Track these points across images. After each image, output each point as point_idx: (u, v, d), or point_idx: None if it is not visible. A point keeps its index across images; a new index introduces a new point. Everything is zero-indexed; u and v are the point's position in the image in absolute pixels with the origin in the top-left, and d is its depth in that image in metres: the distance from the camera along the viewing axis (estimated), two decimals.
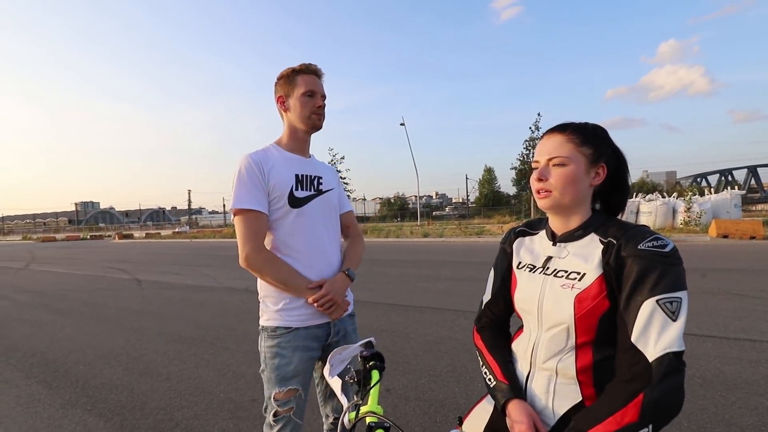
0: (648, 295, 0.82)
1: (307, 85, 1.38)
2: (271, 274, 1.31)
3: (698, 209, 14.56)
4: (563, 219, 1.00)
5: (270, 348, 1.34)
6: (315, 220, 1.41)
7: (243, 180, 1.32)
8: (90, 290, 7.94)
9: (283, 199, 1.36)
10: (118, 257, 15.83)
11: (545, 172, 0.97)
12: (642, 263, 0.84)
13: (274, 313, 1.36)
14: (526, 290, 1.03)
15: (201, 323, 4.94)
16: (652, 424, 0.79)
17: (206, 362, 3.59)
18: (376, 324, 4.56)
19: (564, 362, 0.94)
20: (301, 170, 1.42)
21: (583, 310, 0.90)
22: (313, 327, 1.37)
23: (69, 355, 3.96)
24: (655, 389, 0.78)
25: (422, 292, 6.27)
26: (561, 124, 1.00)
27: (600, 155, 0.96)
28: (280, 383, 1.31)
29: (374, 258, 11.48)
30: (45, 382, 3.30)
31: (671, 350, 0.79)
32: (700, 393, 2.61)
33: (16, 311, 6.22)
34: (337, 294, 1.34)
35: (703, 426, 2.25)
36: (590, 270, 0.91)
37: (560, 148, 0.95)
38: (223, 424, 2.49)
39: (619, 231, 0.91)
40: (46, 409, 2.80)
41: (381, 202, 67.24)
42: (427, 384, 2.94)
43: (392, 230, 24.25)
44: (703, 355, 3.20)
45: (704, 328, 3.85)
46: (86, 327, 5.04)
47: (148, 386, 3.11)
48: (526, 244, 1.10)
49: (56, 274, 11.03)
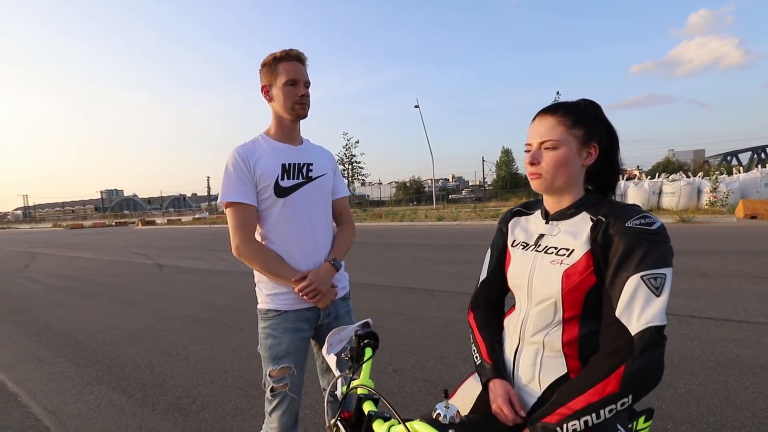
0: (633, 270, 0.85)
1: (289, 73, 1.37)
2: (259, 264, 1.37)
3: (725, 189, 13.95)
4: (556, 199, 1.03)
5: (263, 329, 1.42)
6: (302, 208, 1.43)
7: (229, 174, 1.36)
8: (115, 275, 8.29)
9: (269, 190, 1.38)
10: (141, 243, 16.41)
11: (537, 155, 0.98)
12: (628, 240, 0.87)
13: (266, 297, 1.42)
14: (518, 267, 1.06)
15: (218, 306, 5.12)
16: (632, 395, 0.82)
17: (222, 343, 3.73)
18: (387, 306, 4.63)
19: (551, 336, 0.97)
20: (289, 159, 1.43)
21: (570, 285, 0.93)
22: (303, 310, 1.42)
23: (96, 335, 4.18)
24: (636, 361, 0.82)
25: (434, 275, 6.29)
26: (552, 105, 1.00)
27: (591, 135, 0.97)
28: (274, 362, 1.38)
29: (388, 242, 11.54)
30: (74, 360, 3.51)
31: (653, 324, 0.82)
32: (712, 377, 2.57)
33: (48, 294, 6.57)
34: (321, 284, 1.37)
35: (712, 410, 2.22)
36: (578, 246, 0.94)
37: (551, 131, 0.96)
38: (236, 401, 2.60)
39: (609, 209, 0.93)
40: (74, 386, 2.99)
41: (397, 186, 67.04)
42: (434, 365, 2.99)
43: (407, 214, 24.23)
44: (719, 339, 3.13)
45: (722, 312, 3.75)
46: (111, 309, 5.29)
47: (168, 365, 3.27)
48: (521, 223, 1.14)
49: (84, 259, 11.55)
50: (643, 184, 16.01)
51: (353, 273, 7.77)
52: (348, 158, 41.06)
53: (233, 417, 2.41)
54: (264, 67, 1.41)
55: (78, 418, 2.51)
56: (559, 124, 0.96)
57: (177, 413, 2.49)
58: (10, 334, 4.43)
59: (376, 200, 64.90)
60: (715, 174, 14.61)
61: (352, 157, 40.99)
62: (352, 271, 7.31)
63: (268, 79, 1.40)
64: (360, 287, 5.67)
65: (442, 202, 38.00)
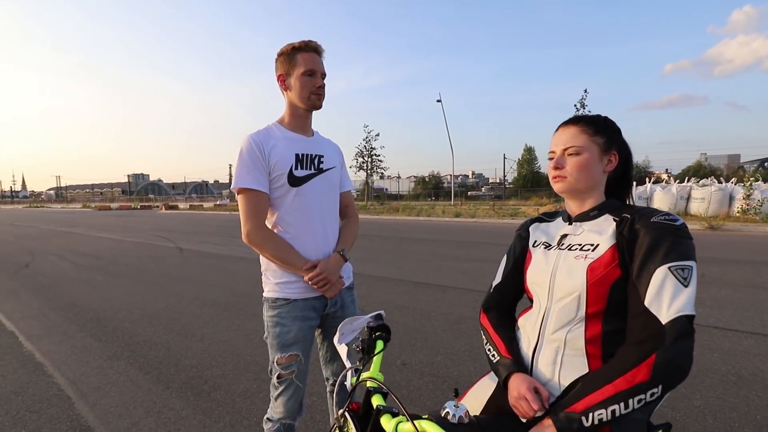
0: (660, 262, 0.86)
1: (307, 64, 1.37)
2: (269, 251, 1.38)
3: (760, 196, 13.26)
4: (579, 202, 1.06)
5: (271, 318, 1.43)
6: (314, 198, 1.44)
7: (244, 160, 1.37)
8: (138, 256, 8.59)
9: (282, 178, 1.39)
10: (164, 227, 16.92)
11: (561, 161, 1.03)
12: (654, 233, 0.89)
13: (274, 286, 1.43)
14: (539, 265, 1.07)
15: (235, 291, 5.24)
16: (662, 385, 0.81)
17: (236, 327, 3.82)
18: (399, 300, 4.64)
19: (573, 332, 0.96)
20: (302, 149, 1.44)
21: (595, 277, 0.93)
22: (311, 299, 1.44)
23: (117, 313, 4.35)
24: (669, 350, 0.81)
25: (448, 271, 6.26)
26: (574, 117, 1.06)
27: (611, 143, 1.03)
28: (282, 349, 1.40)
29: (404, 236, 11.53)
30: (96, 336, 3.67)
31: (684, 313, 0.82)
32: (732, 391, 2.47)
33: (76, 272, 6.87)
34: (331, 273, 1.39)
35: (730, 425, 2.14)
36: (603, 241, 0.96)
37: (574, 139, 1.02)
38: (247, 384, 2.67)
39: (632, 210, 0.97)
40: (95, 360, 3.13)
41: (415, 180, 66.69)
42: (443, 361, 2.98)
43: (424, 209, 24.11)
44: (742, 353, 3.00)
45: (747, 325, 3.59)
46: (133, 289, 5.50)
47: (184, 345, 3.38)
48: (541, 228, 1.16)
49: (110, 240, 12.00)
50: (670, 188, 15.40)
51: (367, 266, 7.80)
52: (368, 151, 41.05)
53: (243, 399, 2.48)
54: (281, 56, 1.41)
55: (97, 391, 2.63)
56: (582, 132, 1.02)
57: (189, 392, 2.58)
58: (40, 307, 4.67)
59: (394, 194, 64.83)
60: (749, 180, 13.91)
61: (371, 150, 40.95)
62: (367, 264, 7.36)
63: (285, 69, 1.41)
64: (374, 280, 5.70)
65: (460, 198, 37.63)
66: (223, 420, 2.26)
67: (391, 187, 74.50)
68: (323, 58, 1.43)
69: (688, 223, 6.49)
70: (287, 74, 1.41)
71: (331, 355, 1.58)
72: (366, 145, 40.79)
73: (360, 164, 41.14)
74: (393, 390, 0.81)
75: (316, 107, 1.44)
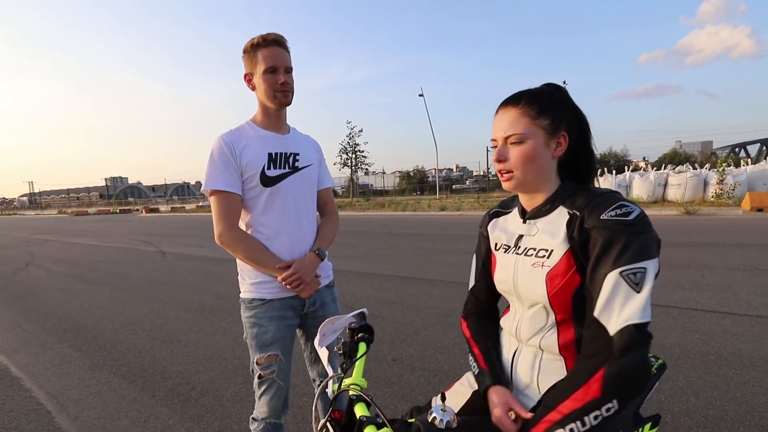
0: (611, 267, 0.80)
1: (267, 61, 1.31)
2: (242, 252, 1.35)
3: (732, 181, 13.76)
4: (529, 195, 0.98)
5: (248, 318, 1.41)
6: (288, 198, 1.40)
7: (214, 162, 1.34)
8: (119, 261, 8.35)
9: (255, 179, 1.36)
10: (145, 230, 16.50)
11: (503, 151, 0.92)
12: (605, 234, 0.81)
13: (249, 286, 1.41)
14: (502, 271, 1.02)
15: (220, 293, 5.15)
16: (616, 399, 0.77)
17: (223, 330, 3.75)
18: (388, 296, 4.63)
19: (547, 339, 0.93)
20: (276, 148, 1.40)
21: (555, 288, 0.88)
22: (288, 298, 1.41)
23: (98, 321, 4.22)
24: (616, 363, 0.76)
25: (436, 265, 6.28)
26: (514, 96, 0.93)
27: (559, 124, 0.91)
28: (261, 349, 1.39)
29: (390, 231, 11.53)
30: (76, 345, 3.54)
31: (632, 322, 0.77)
32: (713, 370, 2.55)
33: (52, 280, 6.63)
34: (305, 273, 1.36)
35: (711, 403, 2.21)
36: (557, 246, 0.89)
37: (516, 125, 0.90)
38: (236, 388, 2.62)
39: (585, 200, 0.88)
40: (76, 371, 3.02)
41: (400, 176, 66.79)
42: (433, 355, 2.99)
43: (410, 203, 24.16)
44: (721, 332, 3.11)
45: (725, 305, 3.72)
46: (114, 296, 5.34)
47: (169, 352, 3.29)
48: (500, 224, 1.09)
49: (89, 246, 11.63)
50: (648, 175, 15.83)
51: (355, 262, 7.76)
52: (351, 147, 40.82)
53: (232, 403, 2.43)
54: (245, 54, 1.36)
55: (79, 403, 2.54)
56: (523, 116, 0.90)
57: (176, 399, 2.51)
58: (15, 319, 4.48)
59: (379, 189, 64.75)
60: (722, 166, 14.41)
61: (355, 146, 40.74)
62: (354, 261, 7.32)
63: (249, 67, 1.36)
64: (361, 276, 5.68)
65: (445, 192, 37.87)
66: (213, 426, 2.21)
67: (377, 182, 74.39)
68: (287, 50, 1.36)
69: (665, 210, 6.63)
70: (252, 73, 1.36)
71: (315, 355, 1.57)
72: (349, 141, 40.57)
73: (344, 161, 40.92)
74: (384, 386, 0.79)
75: (284, 104, 1.39)
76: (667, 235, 7.93)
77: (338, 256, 6.93)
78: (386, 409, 2.24)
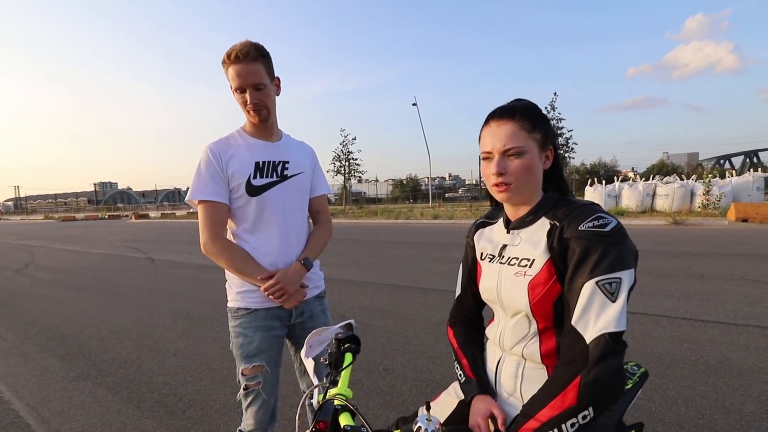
0: (588, 276, 0.83)
1: (234, 80, 1.28)
2: (225, 261, 1.34)
3: (718, 192, 14.06)
4: (515, 207, 1.00)
5: (234, 328, 1.40)
6: (275, 207, 1.39)
7: (201, 172, 1.34)
8: (106, 268, 8.19)
9: (241, 188, 1.35)
10: (134, 236, 16.25)
11: (503, 164, 0.93)
12: (582, 244, 0.84)
13: (236, 295, 1.40)
14: (486, 280, 1.04)
15: (209, 301, 5.07)
16: (592, 407, 0.79)
17: (212, 339, 3.69)
18: (380, 304, 4.60)
19: (529, 348, 0.95)
20: (263, 156, 1.39)
21: (536, 296, 0.90)
22: (274, 308, 1.40)
23: (83, 330, 4.12)
24: (591, 372, 0.79)
25: (428, 273, 6.28)
26: (508, 108, 0.95)
27: (547, 138, 0.96)
28: (246, 360, 1.37)
29: (383, 239, 11.51)
30: (59, 355, 3.45)
31: (607, 331, 0.79)
32: (701, 379, 2.57)
33: (36, 288, 6.47)
34: (288, 283, 1.33)
35: (701, 412, 2.22)
36: (538, 256, 0.92)
37: (515, 138, 0.92)
38: (224, 399, 2.57)
39: (566, 211, 0.91)
40: (59, 381, 2.93)
41: (393, 184, 66.94)
42: (425, 364, 2.97)
43: (403, 212, 24.19)
44: (709, 342, 3.14)
45: (713, 314, 3.76)
46: (101, 303, 5.22)
47: (156, 362, 3.22)
48: (486, 234, 1.11)
49: (75, 252, 11.41)
50: (637, 185, 16.09)
51: (348, 270, 7.70)
52: (345, 155, 40.91)
53: (220, 415, 2.38)
54: (223, 67, 1.33)
55: (60, 415, 2.46)
56: (521, 129, 0.92)
57: (163, 411, 2.45)
58: None
59: (372, 197, 64.77)
60: (708, 177, 14.73)
61: (348, 154, 40.84)
62: (347, 269, 7.27)
63: (229, 81, 1.34)
64: (354, 285, 5.64)
65: (438, 201, 38.01)
66: None
67: (369, 190, 74.42)
68: (259, 60, 1.28)
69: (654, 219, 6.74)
70: (231, 87, 1.34)
71: (305, 367, 1.54)
72: (343, 149, 40.66)
73: (337, 168, 40.95)
74: (376, 396, 0.78)
75: (258, 122, 1.37)
76: (657, 244, 8.05)
77: (330, 264, 6.89)
78: (378, 420, 2.21)
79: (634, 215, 14.77)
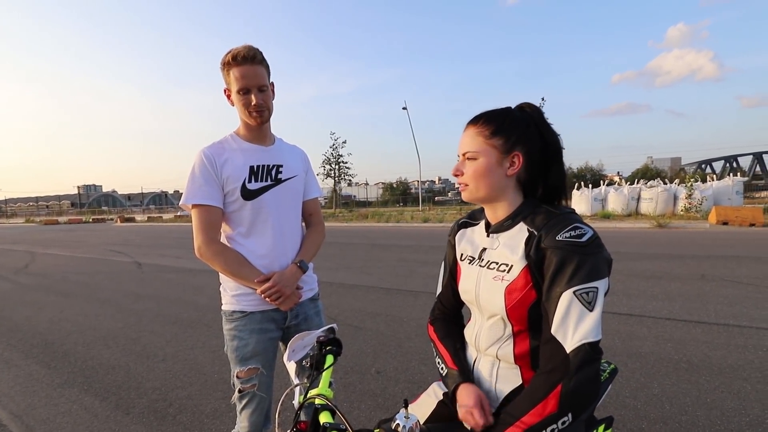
0: (566, 286, 0.85)
1: (239, 81, 1.29)
2: (220, 265, 1.34)
3: (699, 196, 14.46)
4: (491, 210, 1.03)
5: (229, 331, 1.41)
6: (270, 211, 1.40)
7: (195, 176, 1.34)
8: (91, 273, 8.02)
9: (236, 192, 1.36)
10: (120, 240, 15.93)
11: (460, 166, 1.01)
12: (560, 254, 0.86)
13: (231, 298, 1.41)
14: (465, 282, 1.07)
15: (199, 305, 5.02)
16: (571, 413, 0.83)
17: (202, 344, 3.65)
18: (372, 308, 4.61)
19: (503, 349, 0.98)
20: (258, 161, 1.40)
21: (512, 301, 0.93)
22: (269, 311, 1.41)
23: (68, 336, 4.03)
24: (572, 380, 0.82)
25: (419, 276, 6.31)
26: (476, 116, 1.01)
27: (513, 144, 0.96)
28: (241, 363, 1.38)
29: (373, 243, 11.52)
30: (44, 362, 3.37)
31: (587, 341, 0.82)
32: (684, 377, 2.65)
33: (19, 293, 6.31)
34: (285, 286, 1.35)
35: (684, 409, 2.29)
36: (516, 262, 0.94)
37: (471, 143, 0.98)
38: (215, 404, 2.55)
39: (544, 220, 0.92)
40: (43, 389, 2.87)
41: (383, 187, 67.03)
42: (417, 367, 2.99)
43: (393, 215, 24.25)
44: (692, 341, 3.23)
45: (695, 314, 3.87)
46: (86, 309, 5.12)
47: (144, 367, 3.18)
48: (467, 235, 1.13)
49: (59, 256, 11.14)
50: (622, 189, 16.45)
51: (338, 274, 7.68)
52: (335, 158, 40.86)
53: (212, 420, 2.36)
54: (222, 68, 1.35)
55: (46, 423, 2.41)
56: (478, 135, 0.97)
57: (153, 417, 2.42)
58: None
59: (362, 201, 64.73)
60: (690, 181, 15.14)
61: (339, 157, 40.81)
62: (338, 272, 7.24)
63: (227, 83, 1.36)
64: (345, 288, 5.64)
65: (428, 204, 38.18)
66: None
67: (359, 194, 74.42)
68: (262, 63, 1.32)
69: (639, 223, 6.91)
70: (229, 89, 1.36)
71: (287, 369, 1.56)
72: (333, 153, 40.61)
73: (327, 171, 40.85)
74: (368, 399, 0.80)
75: (260, 123, 1.39)
76: (641, 247, 8.22)
77: (321, 268, 6.87)
78: (370, 422, 2.22)
79: (619, 218, 15.09)
